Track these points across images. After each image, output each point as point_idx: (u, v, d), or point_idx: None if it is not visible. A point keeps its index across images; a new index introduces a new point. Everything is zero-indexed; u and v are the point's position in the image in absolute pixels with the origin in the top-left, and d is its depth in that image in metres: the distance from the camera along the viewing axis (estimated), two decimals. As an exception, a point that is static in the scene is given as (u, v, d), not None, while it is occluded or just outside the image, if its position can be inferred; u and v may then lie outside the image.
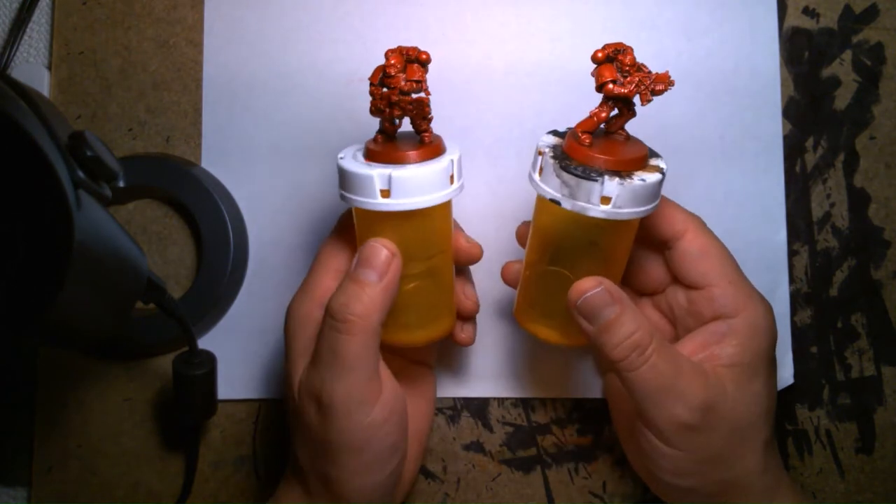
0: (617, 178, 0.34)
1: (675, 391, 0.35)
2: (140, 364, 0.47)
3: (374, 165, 0.36)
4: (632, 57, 0.34)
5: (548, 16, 0.48)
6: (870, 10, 0.48)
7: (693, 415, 0.36)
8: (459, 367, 0.47)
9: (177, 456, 0.47)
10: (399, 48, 0.35)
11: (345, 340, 0.34)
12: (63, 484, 0.47)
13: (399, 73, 0.35)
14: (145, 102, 0.48)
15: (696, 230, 0.39)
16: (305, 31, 0.48)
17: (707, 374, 0.37)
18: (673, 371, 0.35)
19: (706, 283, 0.38)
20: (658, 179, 0.35)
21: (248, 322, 0.47)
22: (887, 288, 0.48)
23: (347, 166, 0.36)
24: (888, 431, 0.48)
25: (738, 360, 0.37)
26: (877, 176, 0.48)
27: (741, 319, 0.38)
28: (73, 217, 0.28)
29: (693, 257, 0.39)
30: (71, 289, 0.28)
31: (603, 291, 0.35)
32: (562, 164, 0.35)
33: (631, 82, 0.34)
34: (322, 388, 0.35)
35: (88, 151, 0.30)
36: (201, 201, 0.45)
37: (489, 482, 0.47)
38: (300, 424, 0.37)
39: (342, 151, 0.38)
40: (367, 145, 0.37)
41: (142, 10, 0.48)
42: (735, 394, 0.37)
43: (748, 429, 0.37)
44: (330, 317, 0.35)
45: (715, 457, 0.37)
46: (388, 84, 0.35)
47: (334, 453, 0.36)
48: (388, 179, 0.35)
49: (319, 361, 0.35)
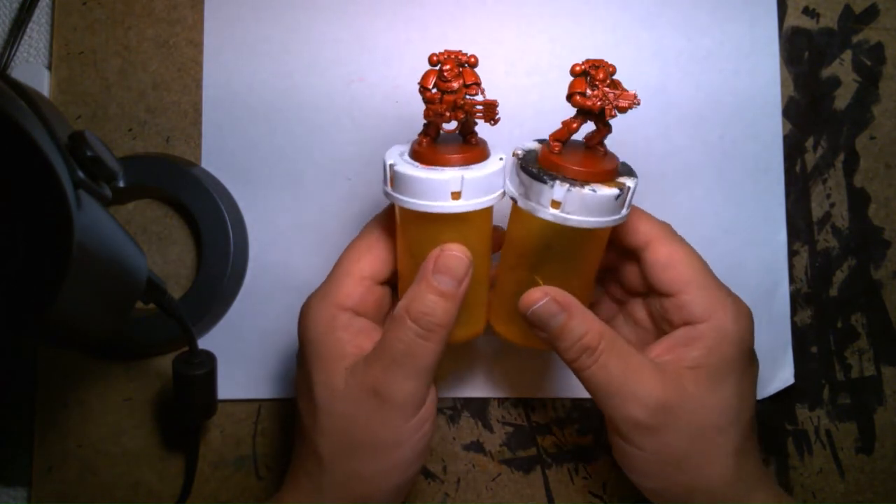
0: (567, 184, 0.35)
1: (627, 390, 0.36)
2: (140, 364, 0.47)
3: (439, 168, 0.36)
4: (605, 73, 0.35)
5: (548, 16, 0.48)
6: (870, 10, 0.48)
7: (647, 414, 0.36)
8: (459, 368, 0.47)
9: (177, 456, 0.47)
10: (446, 52, 0.35)
11: (425, 347, 0.36)
12: (63, 484, 0.47)
13: (456, 77, 0.35)
14: (145, 102, 0.48)
15: (662, 239, 0.39)
16: (305, 31, 0.48)
17: (666, 375, 0.37)
18: (623, 371, 0.36)
19: (675, 291, 0.38)
20: (613, 194, 0.35)
21: (248, 322, 0.47)
22: (887, 288, 0.48)
23: (413, 172, 0.35)
24: (888, 431, 0.48)
25: (702, 362, 0.37)
26: (877, 176, 0.48)
27: (709, 325, 0.38)
28: (73, 217, 0.28)
29: (660, 267, 0.39)
30: (71, 289, 0.28)
31: (549, 302, 0.37)
32: (522, 165, 0.36)
33: (595, 96, 0.35)
34: (390, 386, 0.36)
35: (88, 151, 0.30)
36: (201, 201, 0.45)
37: (489, 482, 0.47)
38: (338, 419, 0.37)
39: (389, 157, 0.37)
40: (417, 148, 0.37)
41: (142, 10, 0.48)
42: (697, 396, 0.37)
43: (713, 433, 0.37)
44: (413, 322, 0.36)
45: (678, 459, 0.37)
46: (447, 89, 0.35)
47: (378, 449, 0.37)
48: (461, 181, 0.35)
49: (392, 361, 0.36)
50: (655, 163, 0.47)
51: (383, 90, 0.48)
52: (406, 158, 0.37)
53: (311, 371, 0.38)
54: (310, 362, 0.38)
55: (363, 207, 0.47)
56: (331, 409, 0.37)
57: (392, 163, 0.36)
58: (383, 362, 0.36)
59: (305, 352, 0.38)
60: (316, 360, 0.38)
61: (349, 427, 0.37)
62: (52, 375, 0.47)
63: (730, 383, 0.38)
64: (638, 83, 0.48)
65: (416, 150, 0.37)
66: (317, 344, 0.38)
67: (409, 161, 0.37)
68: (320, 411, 0.37)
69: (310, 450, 0.38)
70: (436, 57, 0.35)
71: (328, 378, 0.37)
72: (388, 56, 0.48)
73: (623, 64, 0.48)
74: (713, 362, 0.37)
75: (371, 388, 0.36)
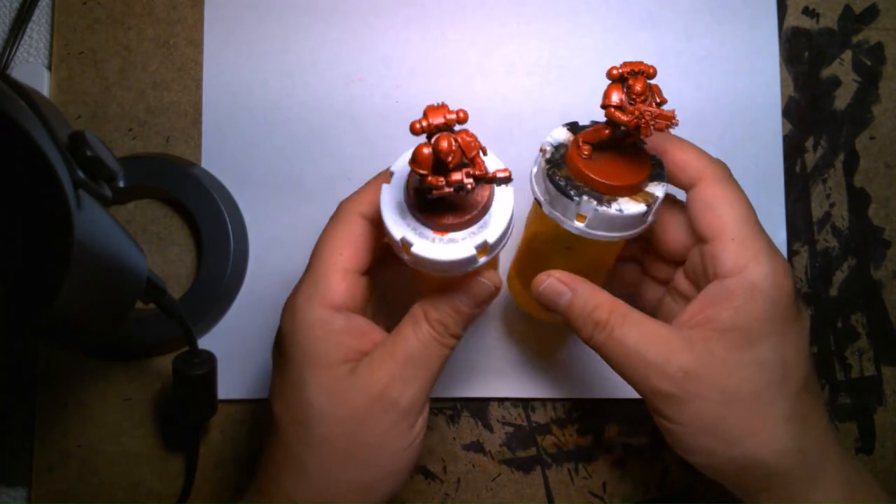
0: (595, 201, 0.34)
1: (648, 360, 0.35)
2: (140, 364, 0.47)
3: (455, 240, 0.33)
4: (643, 85, 0.33)
5: (548, 16, 0.48)
6: (870, 10, 0.48)
7: (672, 384, 0.34)
8: (459, 367, 0.47)
9: (177, 456, 0.47)
10: (430, 117, 0.31)
11: (438, 350, 0.36)
12: (63, 484, 0.47)
13: (455, 153, 0.31)
14: (145, 102, 0.48)
15: (710, 179, 0.36)
16: (305, 31, 0.48)
17: (691, 341, 0.35)
18: (639, 341, 0.35)
19: (710, 237, 0.36)
20: (640, 212, 0.34)
21: (248, 322, 0.47)
22: (887, 288, 0.48)
23: (436, 256, 0.32)
24: (888, 431, 0.48)
25: (733, 323, 0.35)
26: (877, 176, 0.48)
27: (738, 280, 0.35)
28: (73, 217, 0.28)
29: (701, 208, 0.37)
30: (71, 289, 0.28)
31: (553, 282, 0.37)
32: (549, 172, 0.35)
33: (632, 112, 0.33)
34: (399, 389, 0.35)
35: (88, 151, 0.30)
36: (201, 201, 0.45)
37: (489, 482, 0.47)
38: (338, 425, 0.35)
39: (393, 226, 0.33)
40: (427, 217, 0.33)
41: (142, 10, 0.48)
42: (728, 361, 0.34)
43: (751, 399, 0.34)
44: (429, 325, 0.36)
45: (717, 430, 0.35)
46: (448, 168, 0.31)
47: (382, 454, 0.36)
48: (483, 245, 0.33)
49: (407, 359, 0.35)
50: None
51: (383, 90, 0.48)
52: (411, 223, 0.33)
53: (303, 376, 0.35)
54: (301, 366, 0.35)
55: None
56: (332, 414, 0.35)
57: (403, 237, 0.33)
58: (396, 360, 0.35)
59: (294, 355, 0.36)
60: (310, 364, 0.35)
61: (352, 432, 0.35)
62: (52, 375, 0.47)
63: (767, 345, 0.35)
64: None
65: (421, 212, 0.33)
66: (311, 347, 0.35)
67: (418, 228, 0.33)
68: (315, 418, 0.35)
69: (291, 462, 0.35)
70: (419, 126, 0.31)
71: (327, 382, 0.35)
72: (388, 56, 0.48)
73: (623, 64, 0.48)
74: (745, 322, 0.35)
75: (379, 391, 0.35)
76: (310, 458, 0.35)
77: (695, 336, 0.35)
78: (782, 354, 0.35)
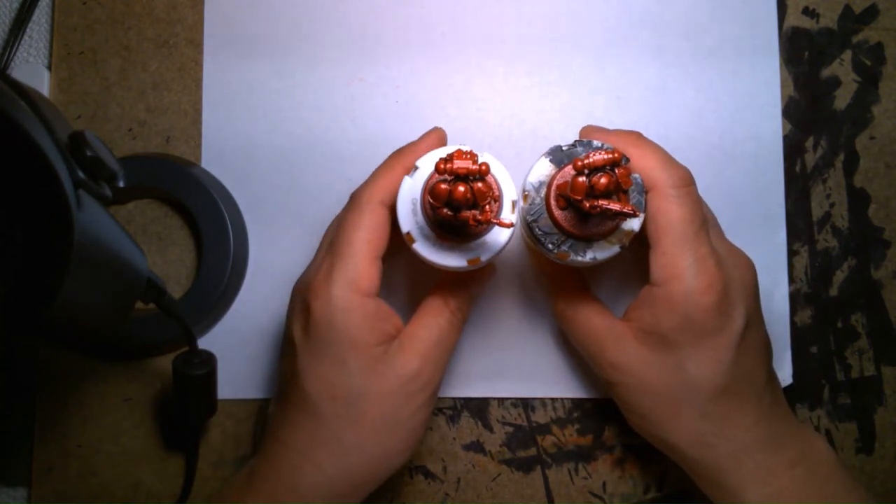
0: (571, 252, 0.37)
1: (588, 351, 0.42)
2: (140, 364, 0.47)
3: (456, 252, 0.37)
4: (607, 182, 0.34)
5: (548, 16, 0.48)
6: (870, 10, 0.48)
7: (603, 372, 0.41)
8: (459, 367, 0.47)
9: (177, 456, 0.47)
10: (452, 161, 0.34)
11: (454, 335, 0.41)
12: (63, 484, 0.47)
13: (468, 197, 0.34)
14: (145, 102, 0.48)
15: (658, 189, 0.38)
16: (305, 31, 0.48)
17: (618, 337, 0.40)
18: (584, 334, 0.42)
19: (650, 245, 0.39)
20: (613, 254, 0.37)
21: (248, 322, 0.47)
22: (887, 288, 0.48)
23: (434, 258, 0.38)
24: (888, 431, 0.48)
25: (653, 329, 0.39)
26: (877, 176, 0.48)
27: (662, 290, 0.38)
28: (73, 217, 0.28)
29: (647, 216, 0.39)
30: (71, 288, 0.28)
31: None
32: (528, 222, 0.37)
33: (596, 206, 0.34)
34: (428, 370, 0.39)
35: (88, 151, 0.30)
36: (201, 201, 0.45)
37: (489, 482, 0.47)
38: (378, 402, 0.38)
39: (404, 219, 0.37)
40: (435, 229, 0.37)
41: (142, 10, 0.48)
42: (649, 359, 0.39)
43: (670, 395, 0.39)
44: (451, 313, 0.41)
45: (643, 412, 0.40)
46: (461, 215, 0.34)
47: (412, 429, 0.39)
48: (479, 258, 0.38)
49: (434, 344, 0.40)
50: (655, 163, 0.47)
51: (383, 90, 0.48)
52: (420, 221, 0.37)
53: (344, 357, 0.38)
54: (342, 348, 0.38)
55: (363, 207, 0.47)
56: (372, 392, 0.38)
57: (409, 231, 0.37)
58: (426, 344, 0.39)
59: (332, 338, 0.38)
60: (350, 346, 0.38)
61: (389, 409, 0.38)
62: (52, 375, 0.47)
63: (682, 352, 0.38)
64: (638, 83, 0.48)
65: (430, 217, 0.37)
66: (351, 331, 0.38)
67: (425, 229, 0.37)
68: (357, 395, 0.38)
69: (326, 436, 0.38)
70: (443, 165, 0.34)
71: (367, 362, 0.38)
72: (388, 56, 0.48)
73: (623, 64, 0.48)
74: (663, 330, 0.38)
75: (413, 372, 0.38)
76: (348, 432, 0.38)
77: (627, 333, 0.40)
78: (696, 363, 0.38)
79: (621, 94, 0.48)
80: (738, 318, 0.38)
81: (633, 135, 0.40)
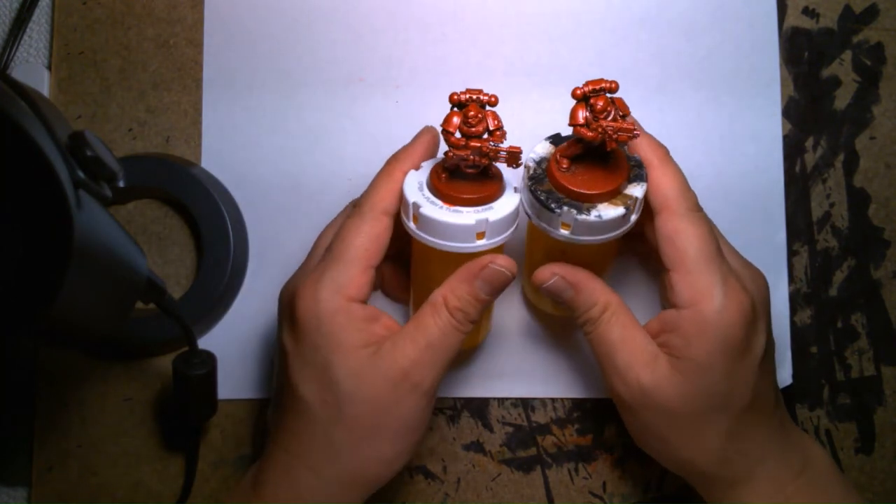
0: (574, 210, 0.36)
1: (613, 364, 0.39)
2: (140, 364, 0.47)
3: (462, 210, 0.37)
4: (604, 102, 0.35)
5: (548, 16, 0.48)
6: (870, 10, 0.48)
7: (627, 392, 0.39)
8: (459, 367, 0.47)
9: (177, 456, 0.47)
10: (468, 91, 0.35)
11: (456, 336, 0.38)
12: (63, 484, 0.47)
13: (481, 121, 0.35)
14: (145, 102, 0.48)
15: (674, 209, 0.38)
16: (305, 31, 0.48)
17: (654, 356, 0.38)
18: (615, 342, 0.39)
19: (669, 268, 0.38)
20: (619, 214, 0.36)
21: (248, 322, 0.47)
22: (887, 288, 0.48)
23: (439, 216, 0.36)
24: (888, 431, 0.48)
25: (684, 353, 0.37)
26: (877, 176, 0.48)
27: (689, 312, 0.37)
28: (73, 217, 0.28)
29: (662, 239, 0.38)
30: (70, 289, 0.28)
31: (558, 280, 0.40)
32: (532, 187, 0.37)
33: (596, 129, 0.35)
34: (421, 371, 0.38)
35: (88, 151, 0.30)
36: (201, 201, 0.45)
37: (489, 482, 0.47)
38: (365, 405, 0.37)
39: (409, 191, 0.37)
40: (437, 184, 0.37)
41: (142, 10, 0.48)
42: (681, 385, 0.38)
43: (694, 418, 0.38)
44: (449, 313, 0.38)
45: (659, 436, 0.39)
46: (472, 134, 0.35)
47: (404, 432, 0.38)
48: (486, 223, 0.37)
49: (427, 345, 0.38)
50: (655, 163, 0.47)
51: (383, 90, 0.48)
52: (427, 194, 0.37)
53: (330, 359, 0.37)
54: (328, 351, 0.38)
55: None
56: (359, 394, 0.37)
57: (415, 201, 0.37)
58: (417, 345, 0.37)
59: (318, 341, 0.38)
60: (335, 348, 0.37)
61: (378, 411, 0.38)
62: (52, 375, 0.47)
63: (715, 376, 0.37)
64: (638, 83, 0.48)
65: (437, 187, 0.37)
66: (336, 334, 0.38)
67: (431, 198, 0.37)
68: (345, 398, 0.37)
69: (320, 440, 0.38)
70: (457, 96, 0.35)
71: (353, 364, 0.37)
72: (388, 56, 0.48)
73: (623, 64, 0.48)
74: (696, 355, 0.37)
75: (402, 375, 0.37)
76: (339, 435, 0.38)
77: (661, 356, 0.38)
78: (728, 385, 0.38)
79: (621, 94, 0.48)
80: (762, 335, 0.38)
81: (662, 149, 0.39)
